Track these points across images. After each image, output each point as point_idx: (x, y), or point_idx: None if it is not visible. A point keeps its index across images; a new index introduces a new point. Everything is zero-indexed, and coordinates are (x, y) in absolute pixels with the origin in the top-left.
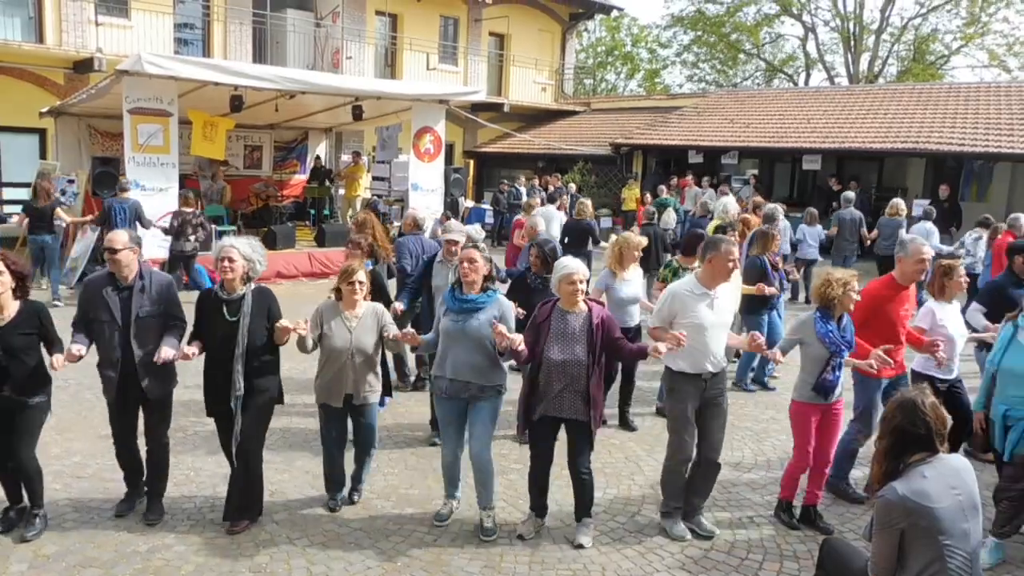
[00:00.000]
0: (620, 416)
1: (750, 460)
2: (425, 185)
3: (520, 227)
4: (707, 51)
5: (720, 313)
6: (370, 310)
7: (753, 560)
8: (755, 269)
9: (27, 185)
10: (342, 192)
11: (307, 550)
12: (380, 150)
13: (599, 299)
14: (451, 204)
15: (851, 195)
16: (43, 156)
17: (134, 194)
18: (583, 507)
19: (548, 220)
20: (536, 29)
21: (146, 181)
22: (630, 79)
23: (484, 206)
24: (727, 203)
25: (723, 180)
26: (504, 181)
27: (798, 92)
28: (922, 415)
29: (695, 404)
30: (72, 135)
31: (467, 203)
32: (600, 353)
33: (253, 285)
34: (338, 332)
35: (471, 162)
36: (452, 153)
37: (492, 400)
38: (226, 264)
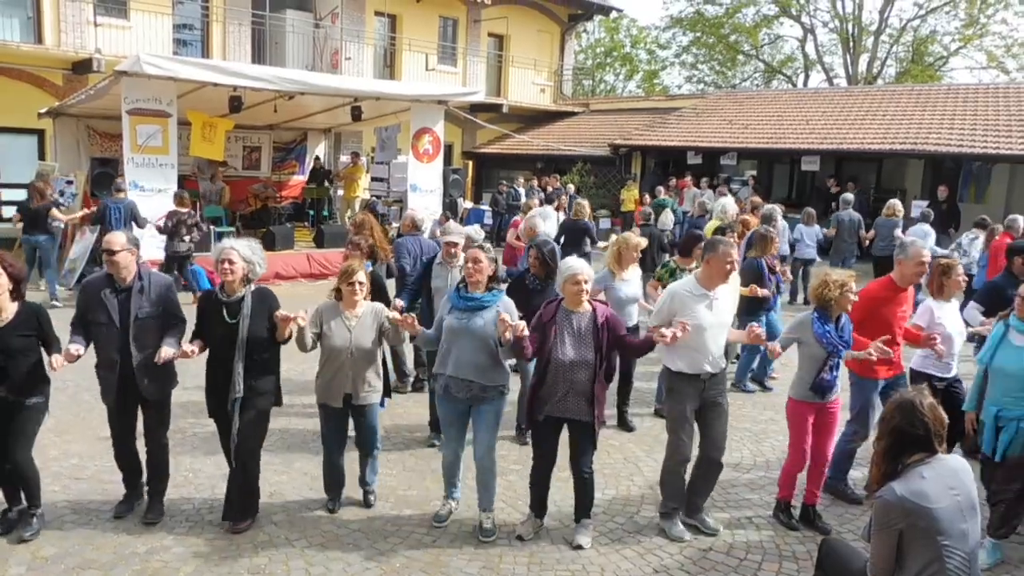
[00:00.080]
0: (619, 416)
1: (749, 461)
2: (424, 186)
3: (516, 227)
4: (706, 52)
5: (719, 314)
6: (370, 310)
7: (752, 560)
8: (752, 271)
9: (26, 186)
10: (341, 193)
11: (306, 551)
12: (379, 151)
13: (598, 298)
14: (450, 205)
15: (850, 197)
16: (42, 157)
17: (133, 195)
18: (583, 507)
19: (545, 220)
20: (535, 30)
21: (145, 182)
22: (629, 80)
23: (483, 207)
24: (726, 204)
25: (723, 181)
26: (503, 182)
27: (797, 93)
28: (920, 416)
29: (694, 405)
30: (71, 136)
31: (466, 204)
32: (607, 352)
33: (253, 286)
34: (337, 331)
35: (470, 163)
36: (451, 154)
37: (495, 402)
38: (226, 266)
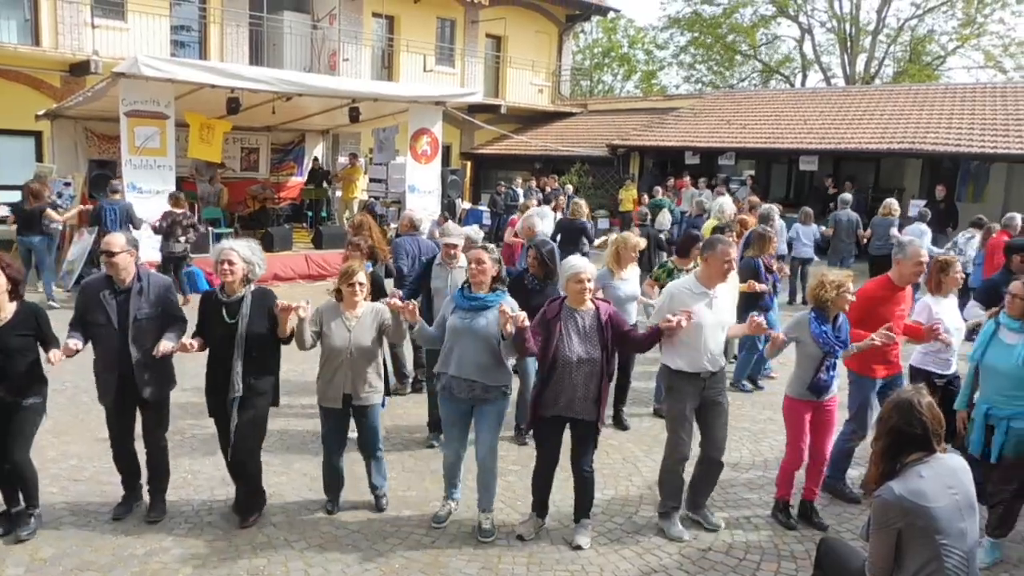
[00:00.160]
0: (615, 415)
1: (747, 460)
2: (422, 187)
3: (513, 225)
4: (703, 52)
5: (719, 312)
6: (370, 310)
7: (751, 560)
8: (749, 270)
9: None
10: (339, 194)
11: (305, 552)
12: (377, 152)
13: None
14: (448, 206)
15: (848, 196)
16: (39, 159)
17: (131, 197)
18: (583, 507)
19: (543, 220)
20: (533, 31)
21: (143, 183)
22: (627, 80)
23: (481, 207)
24: (723, 203)
25: (722, 181)
26: (501, 183)
27: (794, 93)
28: (918, 415)
29: (694, 403)
30: (68, 138)
31: (464, 204)
32: (612, 350)
33: (253, 287)
34: (337, 332)
35: (468, 164)
36: (449, 155)
37: (497, 403)
38: (226, 267)
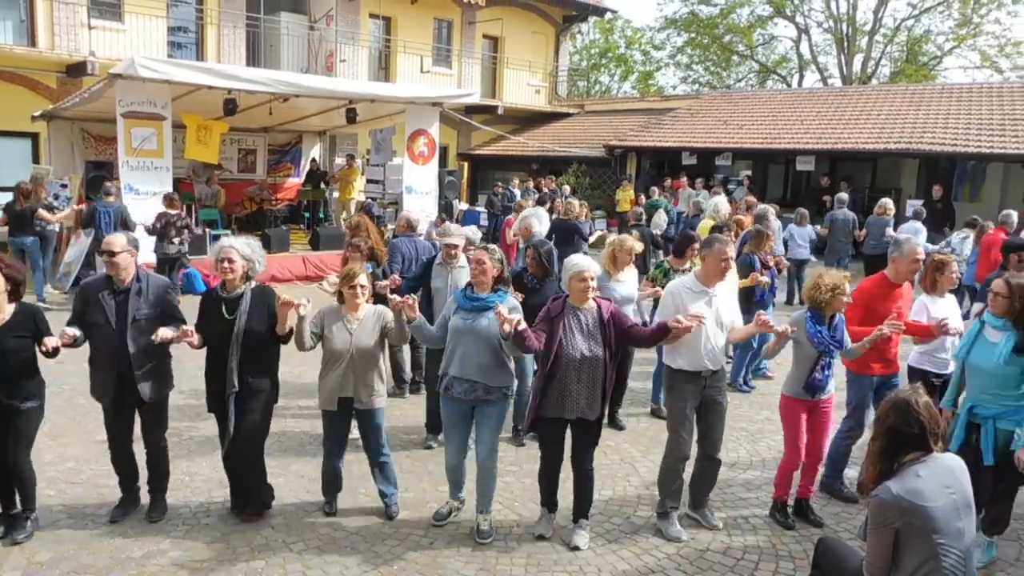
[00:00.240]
0: (609, 416)
1: (745, 460)
2: (419, 188)
3: (510, 226)
4: (700, 53)
5: (718, 311)
6: (372, 312)
7: (749, 560)
8: (745, 267)
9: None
10: (336, 195)
11: (303, 554)
12: (374, 153)
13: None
14: (445, 207)
15: (844, 196)
16: (36, 160)
17: (128, 198)
18: (582, 507)
19: (540, 221)
20: (530, 31)
21: (140, 185)
22: (624, 81)
23: (479, 208)
24: (718, 203)
25: (719, 182)
26: (498, 183)
27: (791, 93)
28: (916, 415)
29: (694, 402)
30: (65, 139)
31: (461, 205)
32: (616, 348)
33: (253, 284)
34: (338, 334)
35: (465, 164)
36: (446, 156)
37: (499, 404)
38: (225, 265)
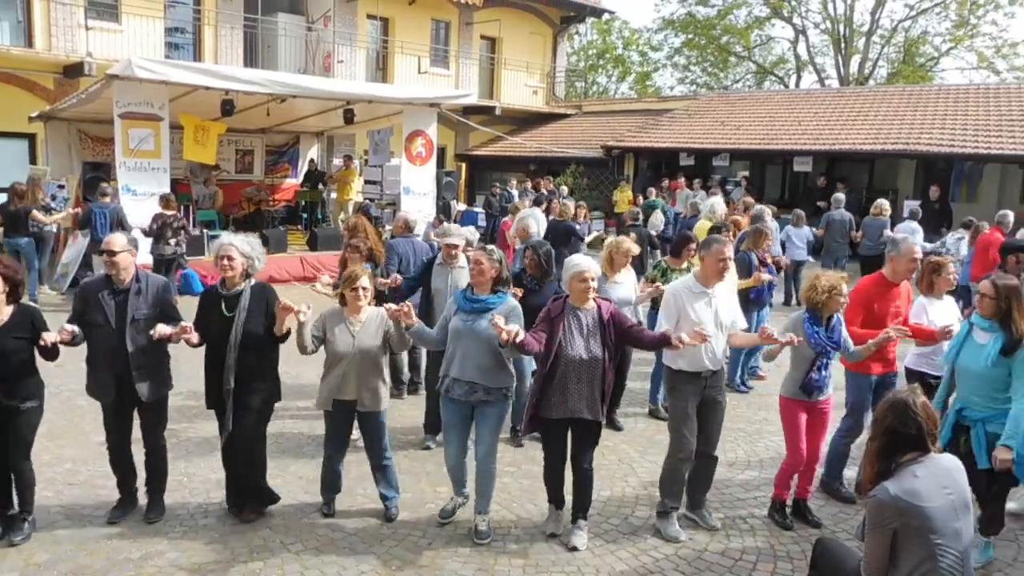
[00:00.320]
0: (607, 416)
1: (743, 460)
2: (417, 188)
3: (507, 228)
4: (698, 54)
5: (718, 312)
6: (375, 314)
7: (747, 561)
8: (743, 265)
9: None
10: (334, 196)
11: (301, 555)
12: (372, 154)
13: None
14: (443, 207)
15: (841, 196)
16: (33, 161)
17: (125, 199)
18: (581, 506)
19: (537, 222)
20: (527, 32)
21: (137, 186)
22: (621, 82)
23: (476, 209)
24: (714, 204)
25: (717, 183)
26: (496, 184)
27: (789, 94)
28: (913, 415)
29: (695, 402)
30: (62, 140)
31: (459, 206)
32: (616, 348)
33: (253, 281)
34: (341, 336)
35: (463, 165)
36: (444, 156)
37: (499, 405)
38: (225, 262)
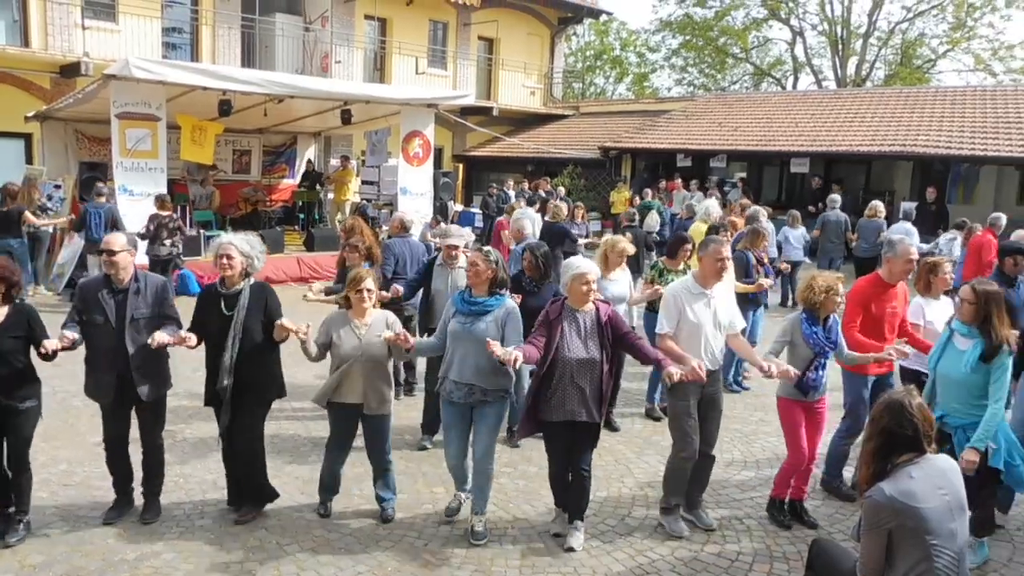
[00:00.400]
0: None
1: (740, 461)
2: (414, 189)
3: (503, 228)
4: (695, 55)
5: (717, 312)
6: (380, 317)
7: (743, 562)
8: (740, 264)
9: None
10: (331, 196)
11: (297, 556)
12: (369, 154)
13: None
14: (440, 208)
15: (836, 197)
16: (29, 161)
17: (122, 199)
18: (578, 508)
19: (532, 223)
20: (525, 33)
21: (134, 186)
22: (619, 83)
23: (473, 210)
24: (709, 206)
25: (715, 184)
26: (493, 185)
27: (786, 96)
28: (909, 416)
29: (696, 400)
30: (59, 140)
31: (456, 207)
32: (612, 350)
33: (252, 280)
34: (347, 339)
35: (460, 166)
36: (441, 157)
37: (497, 405)
38: (224, 261)
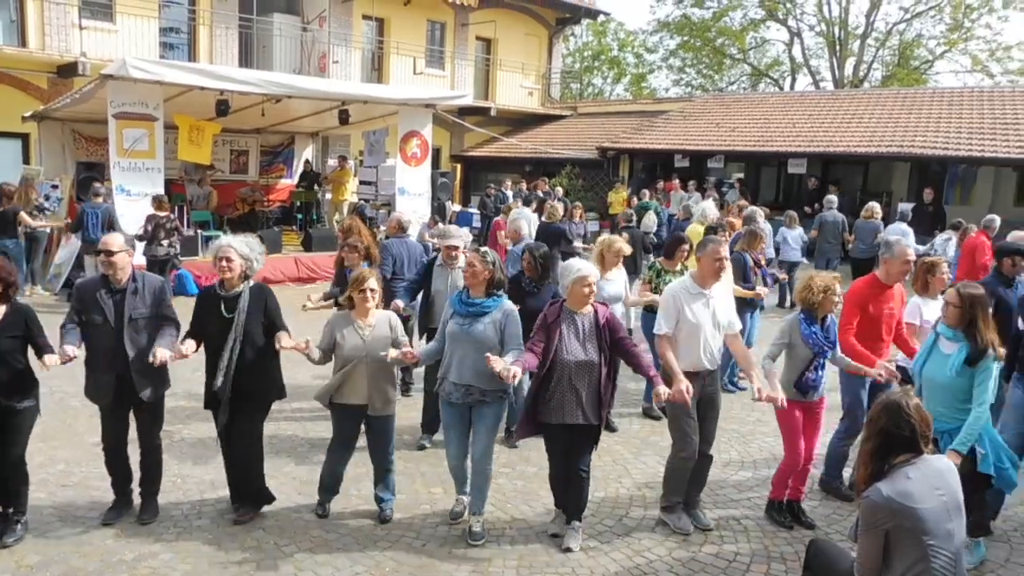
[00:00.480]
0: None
1: (737, 461)
2: (412, 189)
3: (500, 228)
4: (693, 56)
5: (716, 312)
6: (384, 318)
7: (740, 562)
8: (737, 266)
9: None
10: (329, 196)
11: (295, 556)
12: (367, 154)
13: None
14: (438, 208)
15: (833, 198)
16: (26, 161)
17: (119, 199)
18: (576, 508)
19: (529, 223)
20: (523, 33)
21: (131, 186)
22: (617, 83)
23: (471, 210)
24: (705, 207)
25: (713, 185)
26: (491, 185)
27: (784, 96)
28: (907, 417)
29: (695, 400)
30: (56, 140)
31: (454, 207)
32: (611, 353)
33: (251, 282)
34: (351, 340)
35: (458, 166)
36: (439, 157)
37: (496, 406)
38: (224, 264)
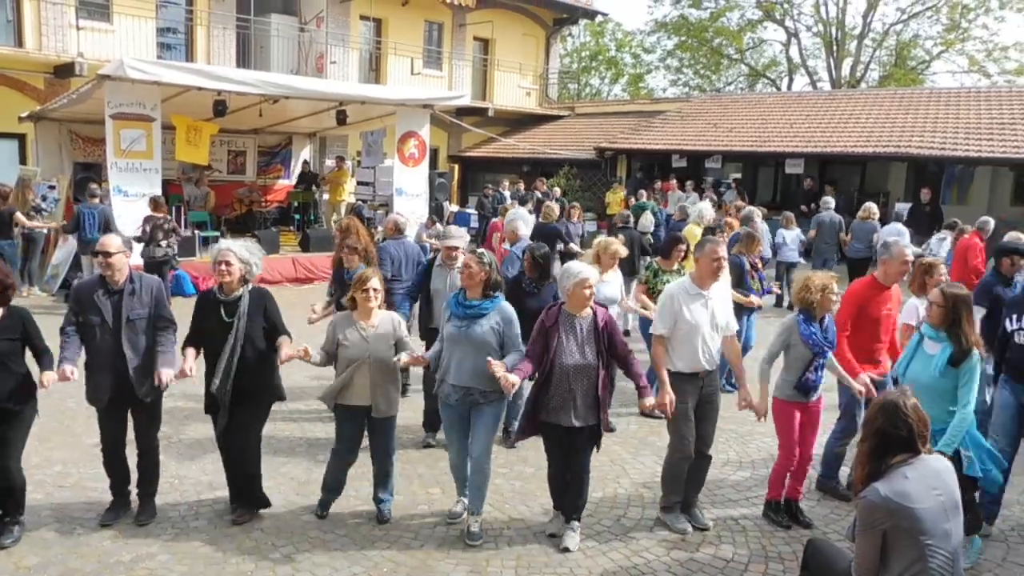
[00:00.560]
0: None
1: (735, 461)
2: (410, 190)
3: (497, 229)
4: (690, 56)
5: (714, 313)
6: (387, 319)
7: (738, 562)
8: (735, 268)
9: None
10: (326, 197)
11: (293, 557)
12: (365, 155)
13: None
14: (436, 209)
15: (830, 199)
16: (23, 162)
17: (117, 200)
18: (574, 508)
19: (526, 224)
20: (520, 34)
21: (129, 186)
22: (614, 84)
23: (469, 210)
24: (702, 208)
25: (711, 185)
26: (489, 185)
27: (781, 97)
28: (904, 417)
29: (694, 401)
30: (53, 140)
31: (452, 207)
32: (609, 355)
33: (251, 286)
34: (354, 342)
35: (456, 166)
36: (437, 158)
37: (494, 406)
38: (223, 267)
